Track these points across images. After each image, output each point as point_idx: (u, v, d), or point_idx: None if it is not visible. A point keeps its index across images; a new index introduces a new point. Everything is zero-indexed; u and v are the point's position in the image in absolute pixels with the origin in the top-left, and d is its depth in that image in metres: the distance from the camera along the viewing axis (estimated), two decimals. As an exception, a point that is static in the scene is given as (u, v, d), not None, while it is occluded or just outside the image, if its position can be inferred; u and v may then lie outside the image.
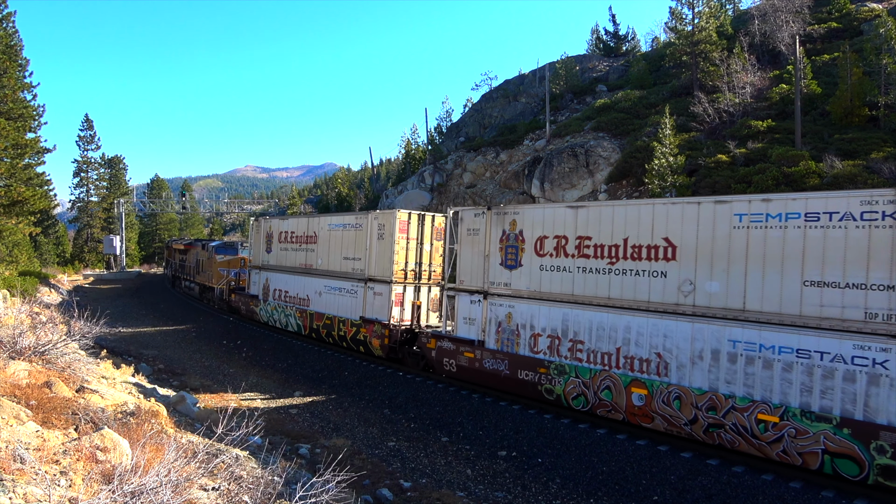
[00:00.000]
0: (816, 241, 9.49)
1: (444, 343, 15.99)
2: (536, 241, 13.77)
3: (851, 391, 9.02)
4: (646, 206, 11.84)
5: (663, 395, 11.23)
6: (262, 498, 6.67)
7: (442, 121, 60.75)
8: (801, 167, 22.05)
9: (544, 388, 13.39)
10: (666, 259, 11.34)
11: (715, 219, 10.68)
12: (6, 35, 33.69)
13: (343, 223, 21.45)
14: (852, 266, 9.11)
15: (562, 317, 13.12)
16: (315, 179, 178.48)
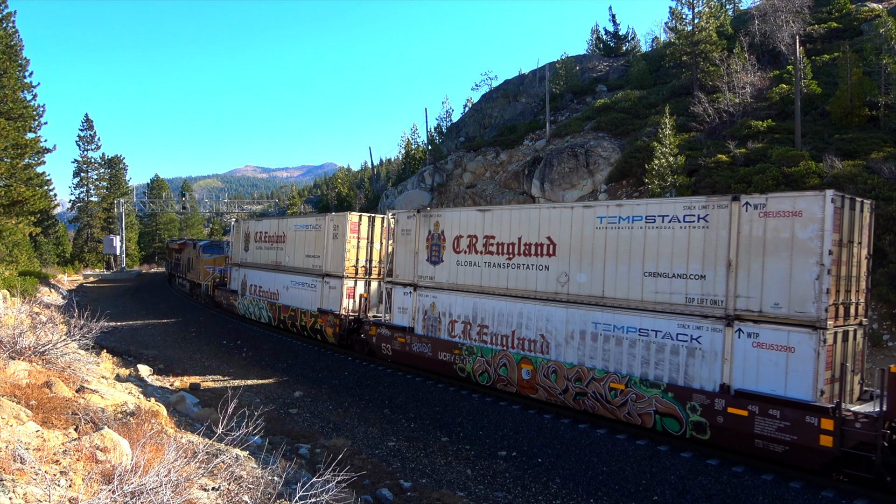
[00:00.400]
0: (653, 240, 11.65)
1: (383, 330, 18.10)
2: (454, 240, 15.98)
3: (676, 362, 11.25)
4: (535, 210, 14.11)
5: (544, 369, 13.43)
6: (262, 498, 6.67)
7: (442, 121, 60.77)
8: (801, 167, 22.04)
9: (458, 366, 15.61)
10: (548, 255, 13.56)
11: (583, 221, 12.91)
12: (6, 35, 33.68)
13: (306, 224, 23.55)
14: (677, 260, 11.31)
15: (472, 305, 15.31)
16: (315, 179, 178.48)
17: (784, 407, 9.74)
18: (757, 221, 10.41)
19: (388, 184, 59.26)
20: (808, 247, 9.79)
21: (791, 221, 10.04)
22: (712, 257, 10.88)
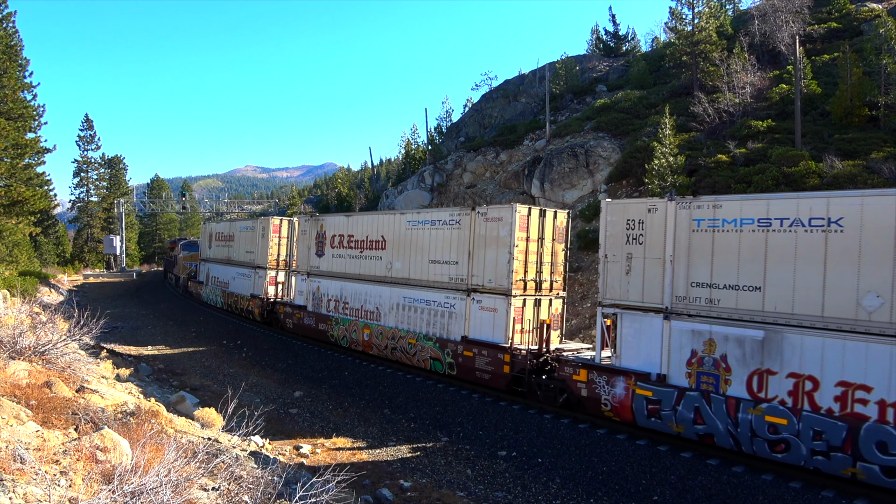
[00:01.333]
0: (434, 238, 16.93)
1: (287, 308, 24.20)
2: (331, 238, 21.64)
3: (442, 322, 16.43)
4: (376, 216, 20.08)
5: (377, 332, 18.70)
6: (262, 498, 6.67)
7: (442, 121, 60.75)
8: (801, 167, 22.04)
9: (329, 333, 21.11)
10: (381, 249, 19.04)
11: (401, 224, 18.20)
12: (6, 35, 33.69)
13: (246, 226, 28.93)
14: (445, 251, 16.53)
15: (340, 287, 20.93)
16: (315, 179, 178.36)
17: (490, 348, 14.79)
18: (482, 224, 15.51)
19: (388, 184, 59.27)
20: (505, 241, 14.80)
21: (497, 224, 15.03)
22: (462, 249, 16.01)
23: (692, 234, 11.24)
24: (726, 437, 10.39)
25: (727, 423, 10.35)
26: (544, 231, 15.27)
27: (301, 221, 23.91)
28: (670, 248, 11.48)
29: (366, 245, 20.02)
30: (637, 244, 12.11)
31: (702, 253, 11.06)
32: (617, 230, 12.39)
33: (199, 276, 36.96)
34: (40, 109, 36.12)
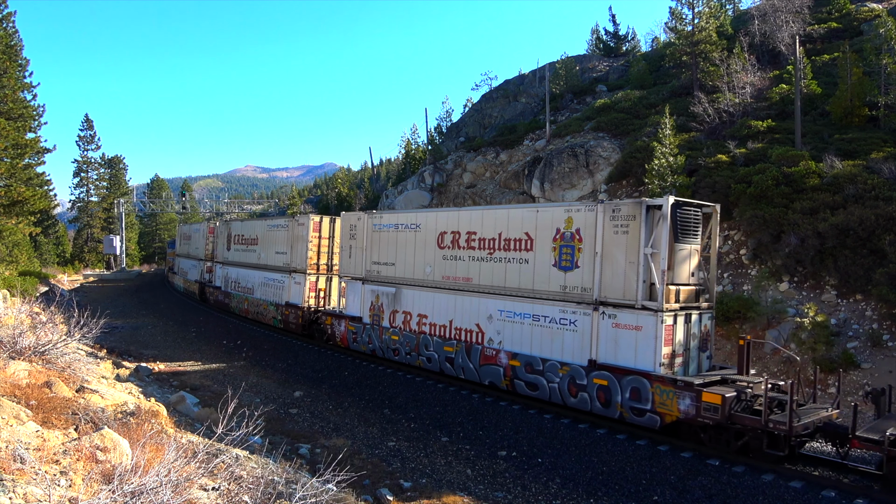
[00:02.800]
0: (278, 235, 26.42)
1: (210, 287, 35.01)
2: (234, 237, 31.60)
3: (278, 293, 25.79)
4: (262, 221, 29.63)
5: (250, 303, 28.27)
6: (262, 498, 6.67)
7: (442, 121, 60.71)
8: (801, 167, 22.02)
9: (230, 305, 31.11)
10: (255, 244, 28.46)
11: (265, 227, 28.20)
12: (6, 35, 33.68)
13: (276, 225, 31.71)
14: (280, 246, 25.93)
15: (237, 273, 30.64)
16: (315, 179, 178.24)
17: (293, 308, 24.05)
18: (298, 227, 24.55)
19: (389, 184, 59.24)
20: (306, 239, 23.68)
21: (303, 227, 24.19)
22: (290, 244, 25.07)
23: (373, 233, 19.37)
24: (379, 350, 18.82)
25: (380, 342, 18.74)
26: (334, 232, 24.17)
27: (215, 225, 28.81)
28: (365, 241, 19.66)
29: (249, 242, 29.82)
30: (353, 239, 20.36)
31: (375, 244, 19.25)
32: (345, 231, 20.95)
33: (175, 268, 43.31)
34: (40, 109, 36.14)
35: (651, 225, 12.15)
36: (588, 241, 13.11)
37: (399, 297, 18.13)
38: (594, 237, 12.93)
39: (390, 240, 18.68)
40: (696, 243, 13.01)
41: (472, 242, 15.80)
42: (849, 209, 19.07)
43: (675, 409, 11.26)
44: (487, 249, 15.33)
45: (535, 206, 15.39)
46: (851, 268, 18.19)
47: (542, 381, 13.88)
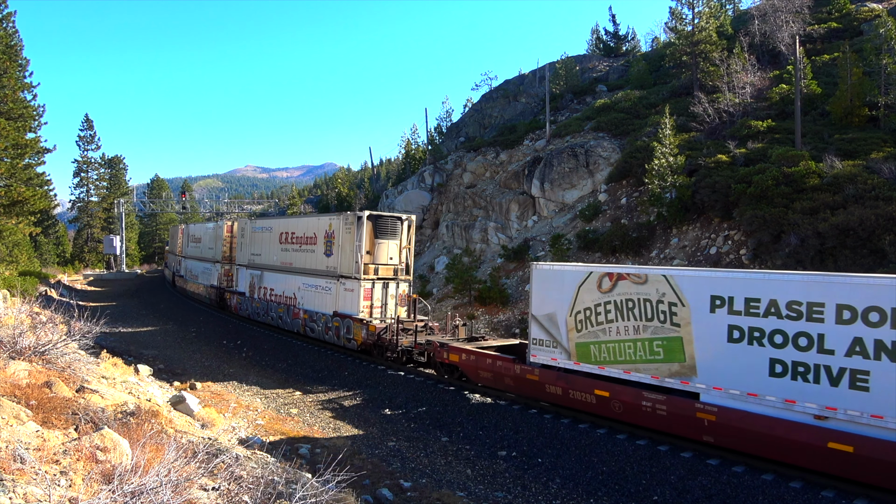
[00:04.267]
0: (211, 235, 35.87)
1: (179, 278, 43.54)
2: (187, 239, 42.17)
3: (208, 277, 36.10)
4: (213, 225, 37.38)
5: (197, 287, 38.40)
6: (262, 498, 6.67)
7: (442, 121, 60.72)
8: (801, 167, 22.01)
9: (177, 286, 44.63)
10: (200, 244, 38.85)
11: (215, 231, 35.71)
12: (6, 35, 33.67)
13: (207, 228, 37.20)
14: (211, 242, 35.64)
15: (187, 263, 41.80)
16: (315, 179, 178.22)
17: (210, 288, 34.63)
18: (222, 228, 33.20)
19: (389, 184, 59.23)
20: (225, 238, 32.84)
21: (224, 226, 33.37)
22: (215, 242, 34.16)
23: (252, 233, 28.15)
24: (252, 314, 27.45)
25: (252, 309, 27.40)
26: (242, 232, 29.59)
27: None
28: (247, 239, 28.47)
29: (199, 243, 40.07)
30: (243, 238, 29.07)
31: (253, 241, 28.00)
32: (239, 232, 29.85)
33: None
34: (40, 109, 36.10)
35: (361, 228, 20.18)
36: (336, 238, 21.48)
37: (262, 278, 27.01)
38: (339, 236, 21.34)
39: (260, 238, 27.59)
40: (395, 240, 20.98)
41: (292, 239, 24.58)
42: (849, 209, 19.06)
43: (360, 336, 19.54)
44: (298, 244, 24.12)
45: (317, 216, 25.78)
46: (852, 268, 18.17)
47: (316, 326, 22.28)
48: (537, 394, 13.88)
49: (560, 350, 13.17)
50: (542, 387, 13.51)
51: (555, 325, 13.30)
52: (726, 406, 10.39)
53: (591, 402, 12.57)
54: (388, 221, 21.10)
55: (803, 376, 9.61)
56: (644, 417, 11.65)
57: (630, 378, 11.93)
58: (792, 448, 9.65)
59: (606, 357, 12.41)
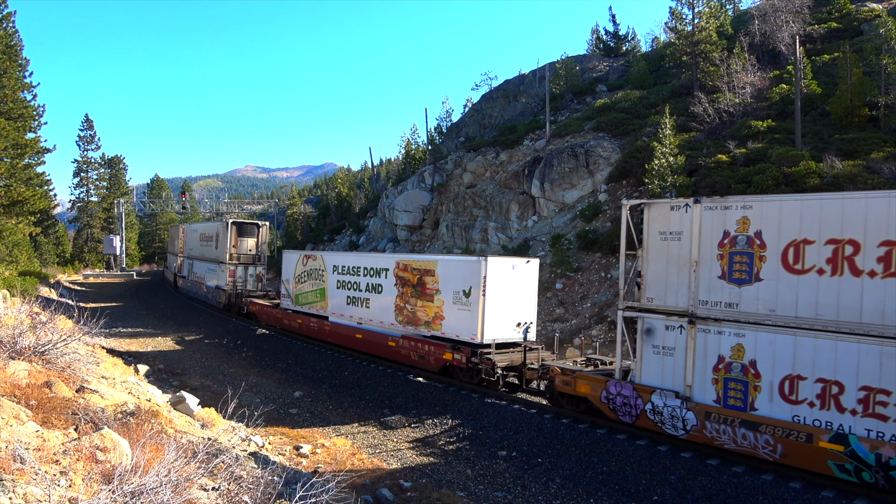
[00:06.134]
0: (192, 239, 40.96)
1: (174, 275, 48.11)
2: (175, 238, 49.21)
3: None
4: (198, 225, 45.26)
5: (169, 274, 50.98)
6: (262, 498, 6.67)
7: (442, 121, 60.73)
8: (801, 167, 22.02)
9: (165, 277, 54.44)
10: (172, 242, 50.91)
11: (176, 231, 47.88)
12: (6, 35, 33.67)
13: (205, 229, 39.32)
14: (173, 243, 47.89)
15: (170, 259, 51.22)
16: (315, 179, 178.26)
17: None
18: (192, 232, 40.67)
19: (389, 184, 59.25)
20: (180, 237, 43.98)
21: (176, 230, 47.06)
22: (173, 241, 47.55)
23: (190, 234, 40.72)
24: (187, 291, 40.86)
25: (187, 287, 40.73)
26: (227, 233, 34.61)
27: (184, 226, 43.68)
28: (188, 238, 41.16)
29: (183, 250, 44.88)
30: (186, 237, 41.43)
31: (189, 239, 40.66)
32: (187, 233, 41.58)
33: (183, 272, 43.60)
34: (40, 109, 36.12)
35: (229, 231, 32.58)
36: (220, 237, 33.44)
37: (192, 265, 39.20)
38: (221, 235, 33.37)
39: (192, 237, 40.14)
40: (253, 238, 33.64)
41: (203, 238, 36.82)
42: (849, 209, 19.05)
43: (224, 301, 31.91)
44: (205, 241, 35.95)
45: (214, 222, 38.04)
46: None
47: (209, 295, 34.92)
48: (283, 324, 24.92)
49: (289, 300, 24.30)
50: (282, 320, 24.95)
51: (289, 283, 24.41)
52: (334, 321, 21.24)
53: (297, 325, 23.66)
54: (247, 226, 34.72)
55: (355, 303, 20.27)
56: (313, 331, 22.54)
57: (311, 312, 22.88)
58: (351, 338, 20.21)
59: (305, 301, 23.40)
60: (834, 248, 9.28)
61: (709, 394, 10.56)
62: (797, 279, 9.65)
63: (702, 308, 10.73)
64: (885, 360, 8.61)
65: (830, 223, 9.35)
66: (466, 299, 15.92)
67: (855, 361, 8.95)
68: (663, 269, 11.40)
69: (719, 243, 10.59)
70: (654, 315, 11.43)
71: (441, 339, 16.57)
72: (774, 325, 9.84)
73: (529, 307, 16.46)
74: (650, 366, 11.48)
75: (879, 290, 8.74)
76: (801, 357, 9.55)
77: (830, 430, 9.12)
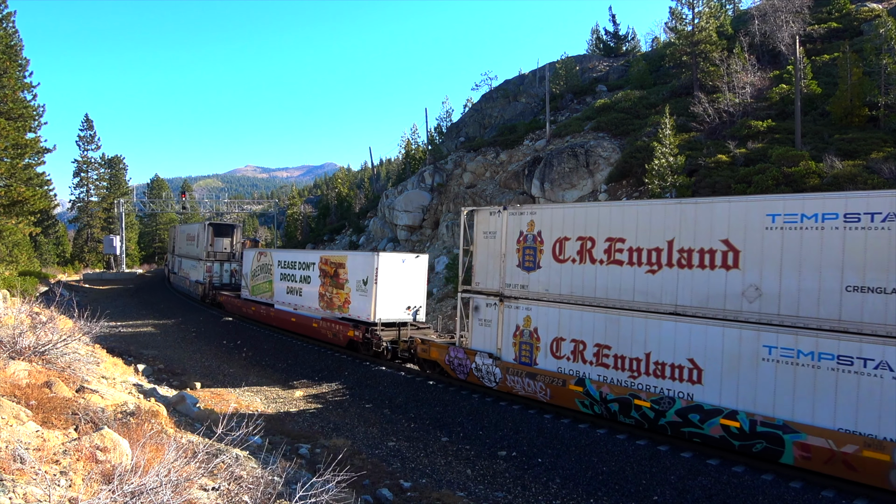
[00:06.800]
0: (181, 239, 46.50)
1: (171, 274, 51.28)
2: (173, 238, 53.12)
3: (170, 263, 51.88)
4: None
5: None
6: (262, 498, 6.66)
7: (442, 121, 60.74)
8: (801, 167, 22.03)
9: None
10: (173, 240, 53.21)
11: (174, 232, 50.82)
12: (6, 35, 33.67)
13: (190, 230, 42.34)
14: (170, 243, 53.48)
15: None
16: (315, 179, 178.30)
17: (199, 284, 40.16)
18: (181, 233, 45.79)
19: (389, 184, 59.23)
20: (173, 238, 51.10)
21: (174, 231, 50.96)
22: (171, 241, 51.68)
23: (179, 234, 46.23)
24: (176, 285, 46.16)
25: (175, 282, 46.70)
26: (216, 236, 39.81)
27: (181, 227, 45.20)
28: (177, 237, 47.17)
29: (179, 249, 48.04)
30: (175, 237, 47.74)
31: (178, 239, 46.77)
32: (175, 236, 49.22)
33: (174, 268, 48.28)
34: (40, 109, 36.12)
35: (207, 231, 37.41)
36: (199, 237, 38.13)
37: (181, 262, 44.01)
38: (200, 235, 38.14)
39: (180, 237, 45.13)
40: (228, 238, 39.01)
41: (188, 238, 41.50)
42: (849, 209, 19.06)
43: (200, 293, 36.95)
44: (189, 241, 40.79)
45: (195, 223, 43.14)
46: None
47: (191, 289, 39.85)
48: (243, 312, 29.41)
49: (247, 291, 29.15)
50: (241, 308, 29.64)
51: (247, 276, 29.25)
52: (278, 308, 25.62)
53: (252, 312, 28.20)
54: (223, 227, 40.05)
55: (292, 293, 24.48)
56: (263, 317, 26.96)
57: (262, 300, 27.39)
58: (290, 322, 24.46)
59: (258, 292, 27.96)
60: (581, 243, 12.79)
61: (510, 354, 14.23)
62: (561, 266, 13.19)
63: (507, 289, 14.29)
64: (608, 325, 12.13)
65: (580, 225, 12.89)
66: (365, 287, 19.77)
67: (591, 325, 12.49)
68: (486, 260, 14.89)
69: (517, 240, 14.14)
70: (480, 296, 14.98)
71: (348, 320, 20.47)
72: (548, 301, 13.35)
73: (419, 293, 20.11)
74: (476, 334, 15.09)
75: (604, 273, 12.33)
76: (563, 324, 13.08)
77: (576, 377, 12.71)
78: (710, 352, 10.59)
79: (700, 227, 10.91)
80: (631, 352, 11.74)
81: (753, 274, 10.14)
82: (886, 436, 8.66)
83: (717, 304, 10.52)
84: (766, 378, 9.89)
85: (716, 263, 10.63)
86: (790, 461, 9.65)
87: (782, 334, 9.73)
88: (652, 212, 11.72)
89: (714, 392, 10.53)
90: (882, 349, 8.75)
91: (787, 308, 9.73)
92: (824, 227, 9.41)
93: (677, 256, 11.19)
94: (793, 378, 9.61)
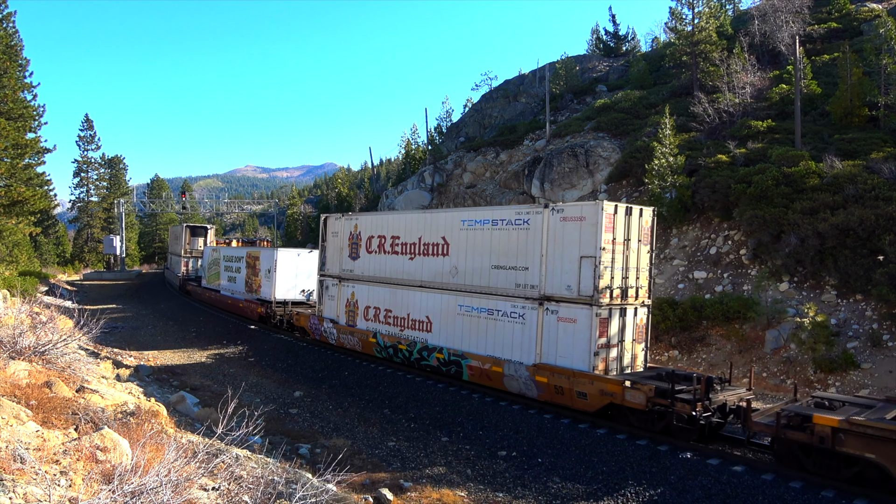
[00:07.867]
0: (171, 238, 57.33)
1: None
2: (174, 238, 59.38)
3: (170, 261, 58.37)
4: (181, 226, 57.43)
5: None
6: (262, 498, 6.67)
7: (442, 121, 60.67)
8: (801, 167, 22.00)
9: None
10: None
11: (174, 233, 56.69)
12: (6, 35, 33.66)
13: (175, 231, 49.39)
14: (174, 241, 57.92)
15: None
16: (315, 179, 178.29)
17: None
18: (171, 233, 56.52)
19: (389, 184, 59.23)
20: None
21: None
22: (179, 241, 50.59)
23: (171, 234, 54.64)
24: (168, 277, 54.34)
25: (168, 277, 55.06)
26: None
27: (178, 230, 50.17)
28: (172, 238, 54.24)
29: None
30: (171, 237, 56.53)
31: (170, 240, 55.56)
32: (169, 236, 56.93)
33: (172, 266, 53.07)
34: (40, 109, 36.11)
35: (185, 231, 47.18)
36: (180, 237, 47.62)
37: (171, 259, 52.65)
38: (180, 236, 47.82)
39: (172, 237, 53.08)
40: (203, 237, 47.12)
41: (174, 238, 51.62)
42: (849, 209, 19.05)
43: (178, 284, 46.44)
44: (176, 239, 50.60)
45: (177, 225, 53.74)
46: (851, 268, 18.18)
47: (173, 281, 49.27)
48: (202, 298, 35.64)
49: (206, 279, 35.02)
50: (201, 295, 35.64)
51: (205, 269, 35.55)
52: (222, 294, 32.66)
53: (207, 297, 34.79)
54: (198, 228, 47.68)
55: (230, 280, 31.70)
56: (213, 301, 33.95)
57: (213, 287, 33.94)
58: (227, 304, 31.57)
59: (212, 281, 34.59)
60: (380, 239, 18.37)
61: (343, 319, 20.01)
62: (370, 256, 18.79)
63: (343, 273, 20.03)
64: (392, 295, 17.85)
65: (380, 226, 18.55)
66: (269, 274, 26.51)
67: (384, 297, 18.17)
68: (333, 252, 20.65)
69: (348, 238, 19.83)
70: (329, 278, 20.79)
71: (260, 300, 27.27)
72: (364, 281, 19.06)
73: (312, 280, 25.16)
74: (327, 306, 20.95)
75: (391, 261, 18.00)
76: (370, 296, 18.76)
77: (374, 332, 18.39)
78: (435, 310, 16.20)
79: (433, 228, 16.42)
80: (401, 313, 17.42)
81: (455, 258, 15.65)
82: (503, 356, 14.12)
83: (439, 279, 16.13)
84: (458, 325, 15.45)
85: (439, 252, 16.18)
86: (466, 378, 15.22)
87: (466, 296, 15.27)
88: (413, 218, 17.46)
89: (437, 337, 16.15)
90: (504, 304, 14.21)
91: (468, 280, 15.24)
92: (485, 228, 14.82)
93: (423, 248, 16.72)
94: (469, 324, 15.13)
